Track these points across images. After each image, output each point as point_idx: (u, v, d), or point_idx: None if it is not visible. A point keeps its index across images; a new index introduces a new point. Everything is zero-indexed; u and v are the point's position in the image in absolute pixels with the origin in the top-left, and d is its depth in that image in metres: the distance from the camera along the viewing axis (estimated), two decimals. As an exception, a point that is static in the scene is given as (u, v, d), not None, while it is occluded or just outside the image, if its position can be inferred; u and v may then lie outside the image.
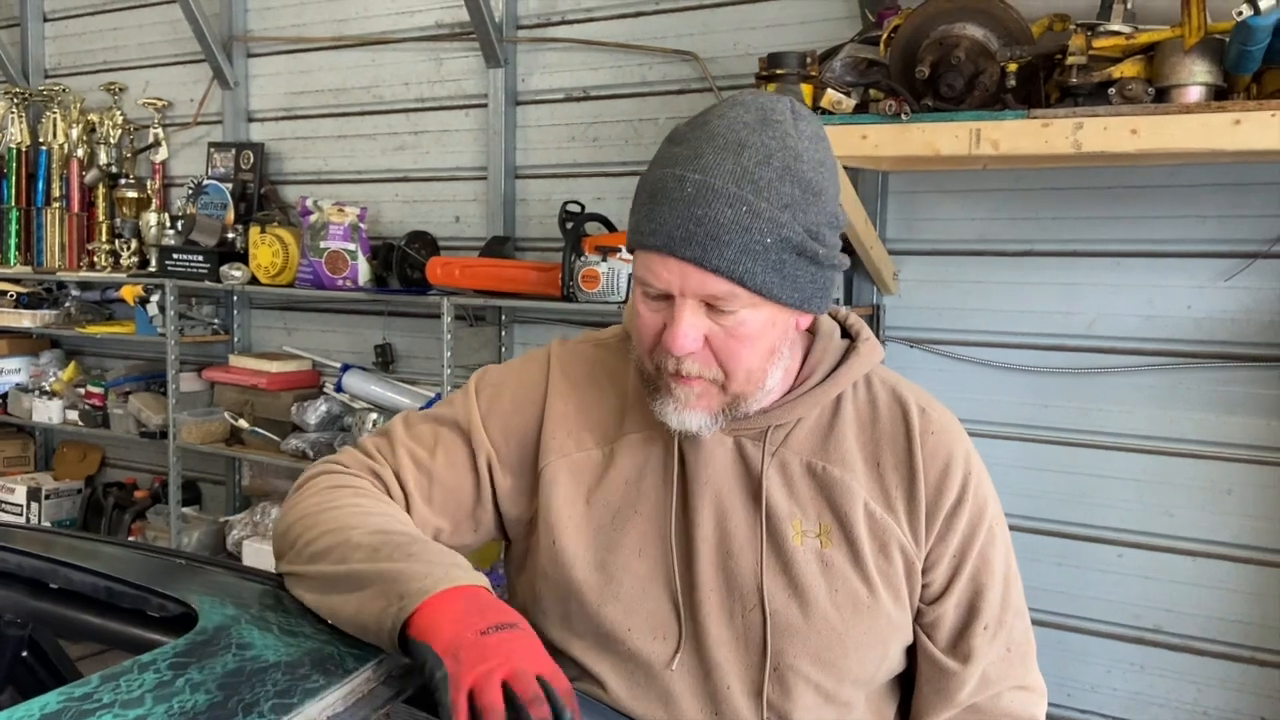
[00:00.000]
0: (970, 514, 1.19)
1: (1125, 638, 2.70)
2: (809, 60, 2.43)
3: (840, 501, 1.17)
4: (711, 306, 1.08)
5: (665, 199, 1.06)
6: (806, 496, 1.18)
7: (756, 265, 1.05)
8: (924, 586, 1.20)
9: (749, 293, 1.06)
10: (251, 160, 3.94)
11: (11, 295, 4.31)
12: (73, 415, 4.22)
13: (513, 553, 1.29)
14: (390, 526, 1.09)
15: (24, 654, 1.34)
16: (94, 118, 4.33)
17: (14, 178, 4.39)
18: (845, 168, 2.50)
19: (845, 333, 1.26)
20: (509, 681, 0.89)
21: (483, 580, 1.00)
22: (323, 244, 3.48)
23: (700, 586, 1.17)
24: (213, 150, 4.03)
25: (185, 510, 4.04)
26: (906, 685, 1.26)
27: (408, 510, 1.21)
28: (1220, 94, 2.02)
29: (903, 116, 2.21)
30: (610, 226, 3.14)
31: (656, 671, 1.17)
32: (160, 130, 4.20)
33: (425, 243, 3.48)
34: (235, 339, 4.09)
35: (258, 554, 3.60)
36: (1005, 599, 1.21)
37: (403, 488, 1.22)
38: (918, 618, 1.21)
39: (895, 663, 1.22)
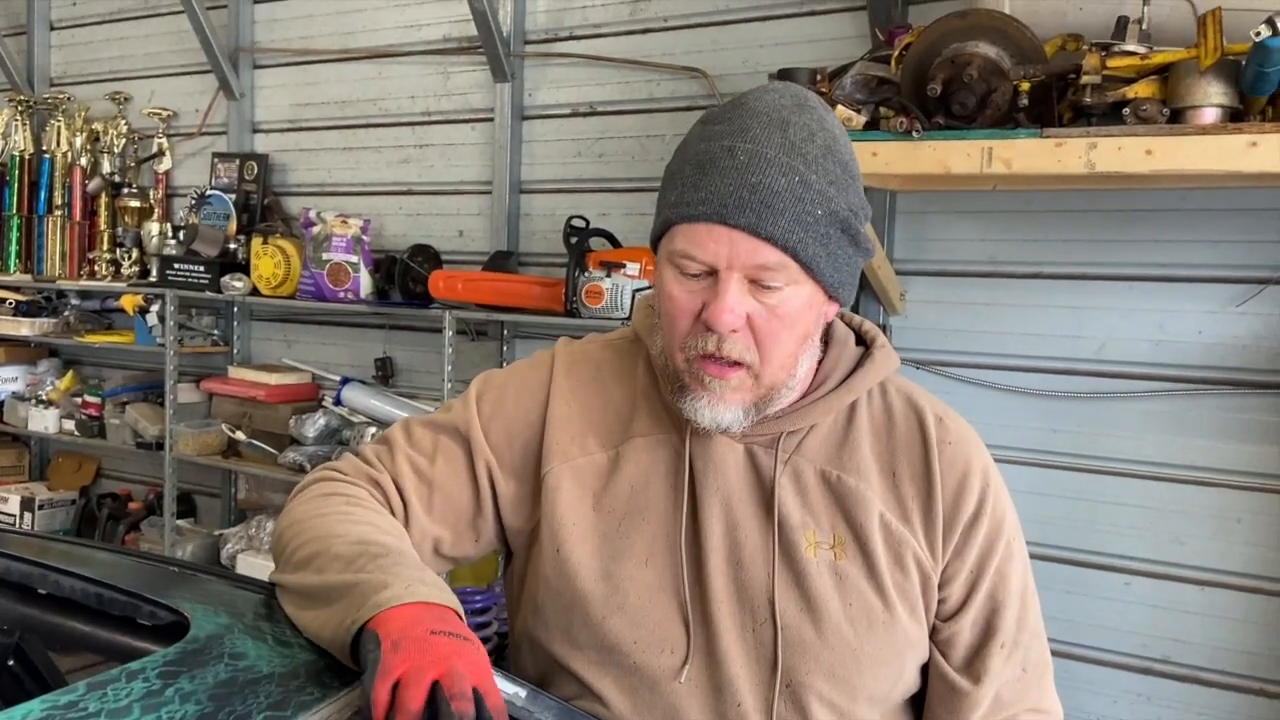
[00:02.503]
0: (988, 528, 1.16)
1: (1132, 667, 2.66)
2: (819, 77, 2.42)
3: (855, 512, 1.14)
4: (754, 284, 1.05)
5: (714, 168, 1.04)
6: (820, 506, 1.15)
7: (808, 236, 1.04)
8: (940, 602, 1.16)
9: (798, 266, 1.05)
10: (255, 171, 3.93)
11: (10, 303, 4.29)
12: (69, 425, 4.18)
13: (514, 565, 1.25)
14: (371, 536, 1.05)
15: (10, 663, 1.30)
16: (98, 126, 4.32)
17: (16, 185, 4.37)
18: (854, 186, 2.47)
19: (860, 340, 1.23)
20: (441, 681, 0.83)
21: (451, 601, 0.95)
22: (325, 256, 3.46)
23: (711, 598, 1.13)
24: (217, 160, 4.02)
25: (180, 523, 4.00)
26: (919, 706, 1.22)
27: (406, 519, 1.17)
28: (1236, 116, 1.99)
29: (914, 134, 2.19)
30: (615, 242, 3.12)
31: (663, 686, 1.13)
32: (164, 140, 4.19)
33: (428, 256, 3.46)
34: (234, 350, 4.06)
35: (252, 568, 3.55)
36: (1022, 618, 1.18)
37: (402, 496, 1.18)
38: (932, 634, 1.18)
39: (911, 681, 1.18)
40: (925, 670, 1.20)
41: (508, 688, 1.02)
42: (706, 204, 1.04)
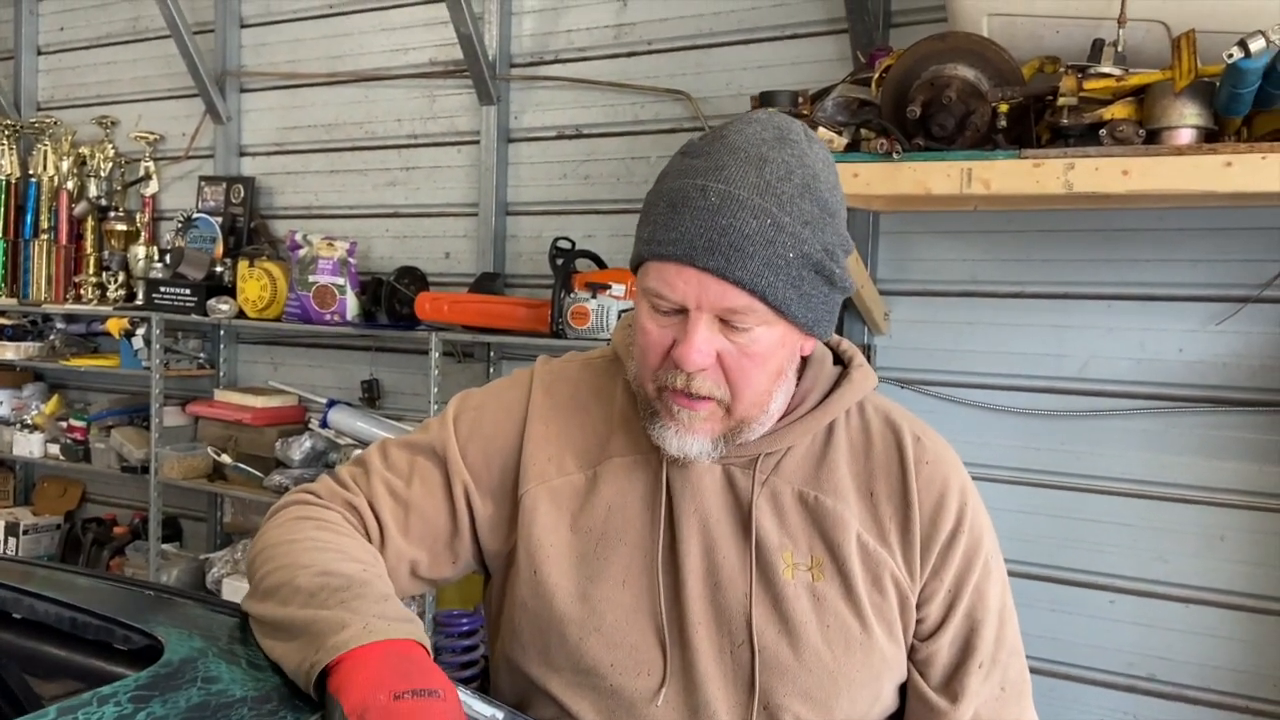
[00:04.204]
0: (966, 547, 1.16)
1: (1118, 686, 2.66)
2: (801, 99, 2.44)
3: (832, 532, 1.14)
4: (725, 323, 1.05)
5: (687, 208, 1.04)
6: (798, 527, 1.15)
7: (778, 279, 1.03)
8: (918, 622, 1.16)
9: (767, 308, 1.04)
10: (242, 194, 3.93)
11: (-4, 327, 4.28)
12: (54, 449, 4.16)
13: (492, 587, 1.25)
14: (336, 566, 1.03)
15: (-15, 688, 1.29)
16: (85, 150, 4.32)
17: (2, 209, 4.36)
18: (836, 207, 2.49)
19: (837, 359, 1.23)
20: None
21: (413, 632, 0.94)
22: (311, 278, 3.46)
23: (689, 620, 1.13)
24: (203, 184, 4.02)
25: (165, 547, 3.97)
26: (898, 727, 1.22)
27: (383, 542, 1.17)
28: (1211, 136, 2.02)
29: (894, 155, 2.21)
30: (601, 263, 3.13)
31: (640, 709, 1.12)
32: (151, 164, 4.19)
33: (414, 278, 3.47)
34: (221, 373, 4.05)
35: (237, 592, 3.53)
36: (1000, 636, 1.18)
37: (378, 519, 1.18)
38: (910, 654, 1.18)
39: (889, 702, 1.18)
40: (903, 690, 1.20)
41: (485, 710, 1.02)
42: (676, 244, 1.03)
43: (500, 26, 3.41)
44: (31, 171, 4.38)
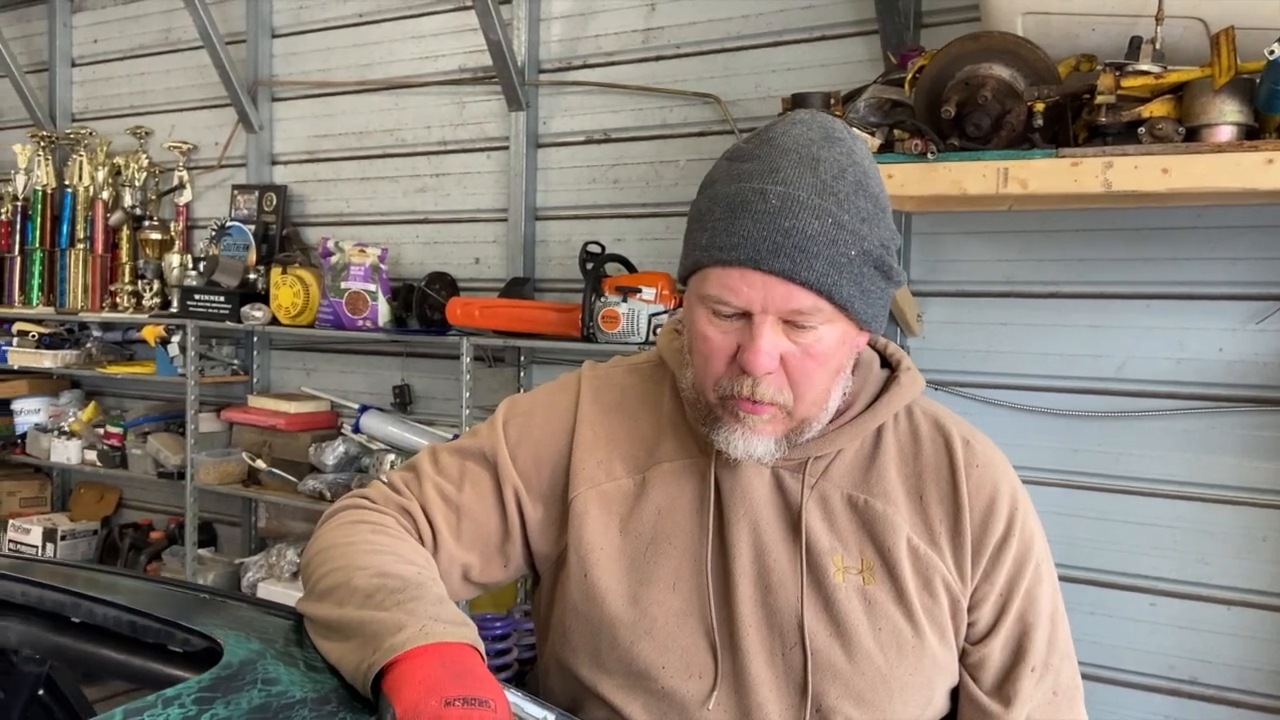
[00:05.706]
0: (1017, 550, 1.16)
1: (1160, 689, 2.63)
2: (832, 101, 2.44)
3: (883, 536, 1.14)
4: (788, 324, 1.05)
5: (746, 212, 1.03)
6: (848, 530, 1.15)
7: (842, 278, 1.04)
8: (969, 625, 1.16)
9: (833, 307, 1.04)
10: (274, 202, 3.97)
11: (33, 336, 4.33)
12: (91, 455, 4.21)
13: (541, 590, 1.26)
14: (392, 568, 1.04)
15: (40, 692, 1.31)
16: (119, 160, 4.37)
17: (39, 220, 4.42)
18: (870, 208, 2.48)
19: (884, 362, 1.23)
20: None
21: (468, 636, 0.94)
22: (343, 285, 3.49)
23: (739, 623, 1.13)
24: (236, 192, 4.07)
25: (201, 552, 4.01)
26: (948, 731, 1.22)
27: (435, 546, 1.18)
28: (1251, 133, 2.00)
29: (929, 156, 2.20)
30: (631, 267, 3.14)
31: (691, 712, 1.12)
32: (185, 173, 4.23)
33: (445, 283, 3.49)
34: (254, 379, 4.09)
35: (272, 596, 3.56)
36: (1052, 640, 1.18)
37: (430, 523, 1.19)
38: (962, 658, 1.17)
39: (941, 706, 1.18)
40: (955, 694, 1.19)
41: (537, 712, 1.02)
42: (739, 249, 1.03)
43: (529, 32, 3.43)
44: (67, 182, 4.43)
